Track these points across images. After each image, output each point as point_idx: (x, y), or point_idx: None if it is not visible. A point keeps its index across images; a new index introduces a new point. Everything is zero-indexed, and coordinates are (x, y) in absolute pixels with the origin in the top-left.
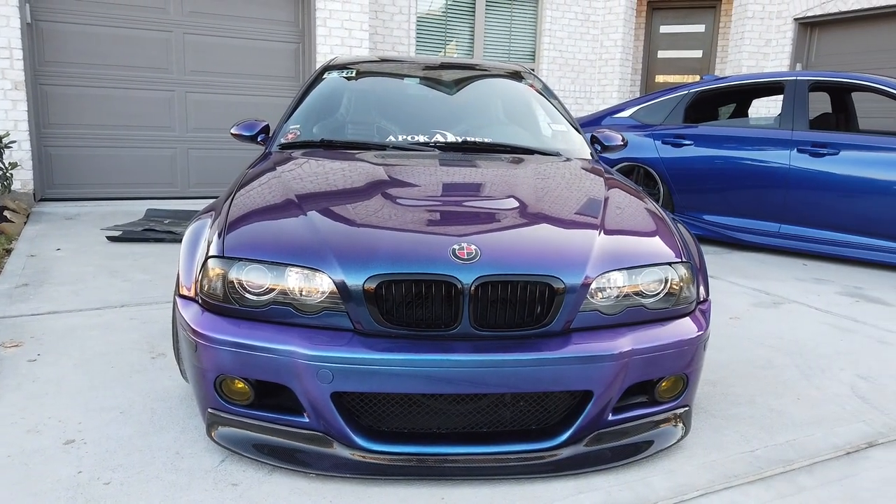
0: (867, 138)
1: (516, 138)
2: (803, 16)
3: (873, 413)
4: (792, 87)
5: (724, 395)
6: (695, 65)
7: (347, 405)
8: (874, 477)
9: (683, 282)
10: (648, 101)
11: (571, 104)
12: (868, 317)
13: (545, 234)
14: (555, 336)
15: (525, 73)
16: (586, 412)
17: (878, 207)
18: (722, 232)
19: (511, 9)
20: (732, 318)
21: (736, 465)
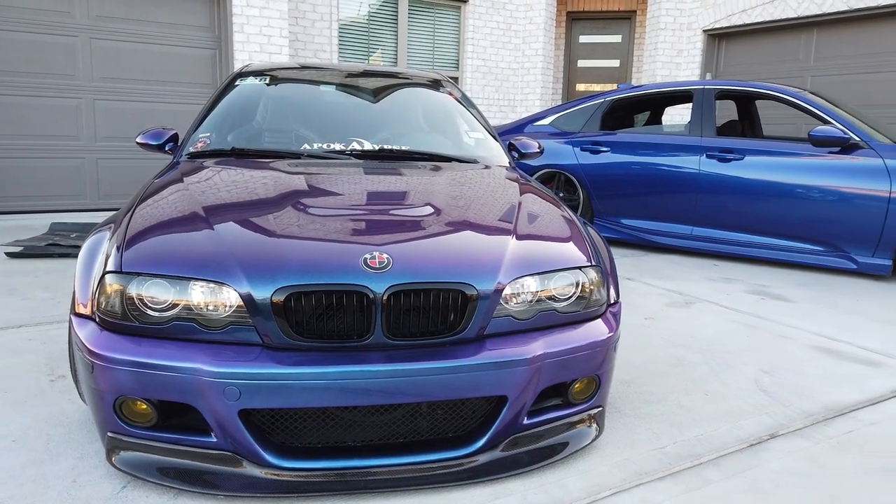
0: (770, 144)
1: (434, 146)
2: (711, 27)
3: (775, 406)
4: (700, 95)
5: (638, 393)
6: (613, 74)
7: (257, 422)
8: (775, 467)
9: (594, 285)
10: (567, 110)
11: (496, 112)
12: (771, 313)
13: (459, 242)
14: (469, 343)
15: (443, 81)
16: (501, 417)
17: (782, 209)
18: (639, 235)
19: (434, 17)
20: (647, 318)
21: (647, 462)
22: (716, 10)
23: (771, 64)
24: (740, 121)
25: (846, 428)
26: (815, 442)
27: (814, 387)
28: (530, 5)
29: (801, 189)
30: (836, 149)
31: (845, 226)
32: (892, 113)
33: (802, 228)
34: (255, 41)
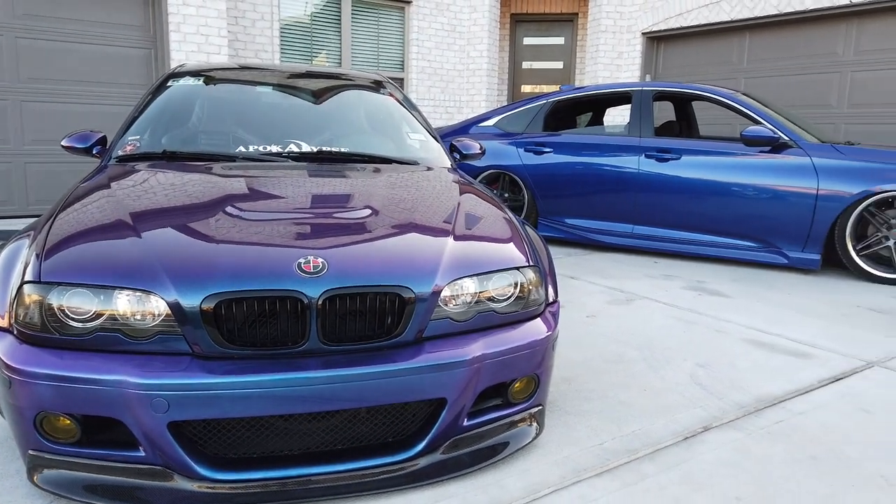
0: (705, 144)
1: (374, 148)
2: (650, 30)
3: (710, 399)
4: (638, 96)
5: (578, 391)
6: (557, 75)
7: (189, 434)
8: (709, 459)
9: (532, 285)
10: (511, 111)
11: (442, 113)
12: (708, 308)
13: (396, 244)
14: (407, 346)
15: (384, 82)
16: (441, 419)
17: (717, 207)
18: (583, 234)
19: (378, 18)
20: (589, 316)
21: (586, 458)
22: (654, 14)
23: (707, 66)
24: (678, 121)
25: (776, 418)
26: (747, 433)
27: (746, 379)
28: (474, 7)
29: (735, 187)
30: (766, 148)
31: (777, 222)
32: (819, 113)
33: (737, 225)
34: (192, 41)
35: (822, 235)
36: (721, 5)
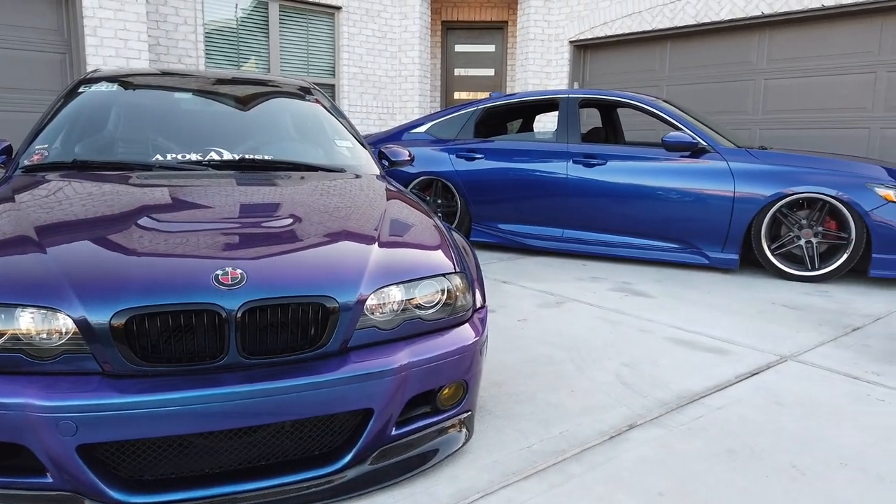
0: (629, 149)
1: (299, 155)
2: (577, 39)
3: (634, 397)
4: (565, 104)
5: (509, 394)
6: (489, 82)
7: (101, 457)
8: (632, 457)
9: (459, 291)
10: (442, 117)
11: (375, 119)
12: (633, 309)
13: (319, 253)
14: (331, 357)
15: (311, 89)
16: (368, 430)
17: (642, 210)
18: (515, 239)
19: (307, 23)
20: (521, 319)
21: (515, 462)
22: (580, 23)
23: (632, 74)
24: (604, 127)
25: (696, 414)
26: (669, 429)
27: (669, 376)
28: (405, 14)
29: (658, 191)
30: (686, 153)
31: (697, 224)
32: (736, 119)
33: (660, 228)
34: (109, 45)
35: (739, 236)
36: (643, 15)
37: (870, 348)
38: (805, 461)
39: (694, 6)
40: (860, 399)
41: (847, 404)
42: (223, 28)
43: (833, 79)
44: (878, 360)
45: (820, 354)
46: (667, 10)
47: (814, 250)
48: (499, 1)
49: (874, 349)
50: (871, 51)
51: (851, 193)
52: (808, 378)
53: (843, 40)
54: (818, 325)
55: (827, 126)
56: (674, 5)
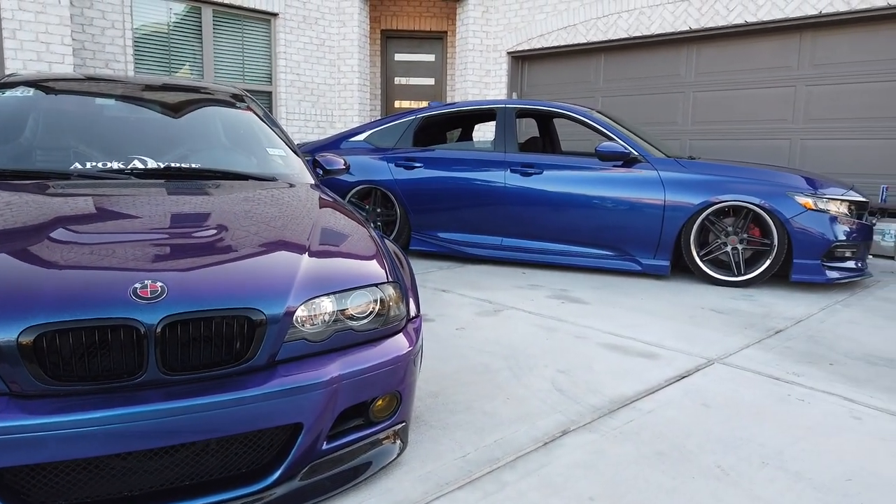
0: (565, 159)
1: (228, 164)
2: (514, 50)
3: (568, 403)
4: (502, 114)
5: (445, 404)
6: (429, 91)
7: (10, 482)
8: (565, 462)
9: (393, 301)
10: (380, 126)
11: (314, 127)
12: (570, 316)
13: (245, 265)
14: (259, 371)
15: (243, 96)
16: (298, 445)
17: (578, 219)
18: (455, 248)
19: (242, 30)
20: (459, 328)
21: (450, 472)
22: (517, 34)
23: (568, 85)
24: (541, 137)
25: (628, 418)
26: (601, 434)
27: (602, 382)
28: (343, 22)
29: (592, 199)
30: (619, 162)
31: (630, 232)
32: (667, 129)
33: (596, 235)
34: (30, 48)
35: (670, 243)
36: (577, 28)
37: (791, 350)
38: (730, 461)
39: (626, 20)
40: (781, 399)
41: (769, 405)
42: (154, 33)
43: (756, 92)
44: (798, 361)
45: (745, 357)
46: (600, 23)
47: (739, 256)
48: (438, 11)
49: (795, 351)
50: (791, 66)
51: (773, 202)
52: (733, 380)
53: (765, 55)
54: (744, 328)
55: (751, 137)
56: (607, 19)
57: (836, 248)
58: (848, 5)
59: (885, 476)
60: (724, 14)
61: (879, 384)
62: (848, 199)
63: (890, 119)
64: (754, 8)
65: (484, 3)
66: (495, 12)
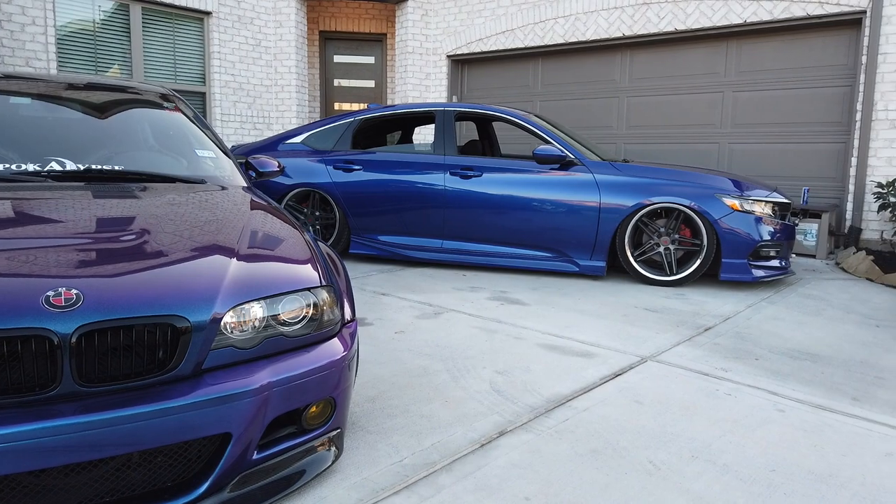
0: (503, 162)
1: (154, 166)
2: (454, 53)
3: (506, 404)
4: (441, 116)
5: (382, 409)
6: (369, 94)
7: None
8: (502, 463)
9: (327, 305)
10: (319, 128)
11: (250, 129)
12: (509, 317)
13: (169, 270)
14: (184, 380)
15: (171, 96)
16: (226, 456)
17: (516, 221)
18: (395, 251)
19: (174, 28)
20: (398, 332)
21: (385, 477)
22: (456, 38)
23: (507, 88)
24: (480, 140)
25: (563, 417)
26: (537, 434)
27: (540, 382)
28: (280, 22)
29: (530, 202)
30: (556, 165)
31: (568, 234)
32: (603, 133)
33: (534, 237)
34: None
35: (605, 244)
36: (515, 33)
37: (719, 346)
38: (661, 456)
39: (563, 26)
40: (710, 394)
41: (699, 400)
42: (79, 31)
43: (687, 97)
44: (726, 357)
45: (676, 354)
46: (537, 28)
47: (672, 256)
48: (377, 13)
49: (723, 347)
50: (718, 72)
51: (702, 203)
52: (665, 377)
53: (695, 62)
54: (675, 326)
55: (683, 141)
56: (544, 24)
57: (761, 247)
58: (770, 15)
59: (805, 466)
60: (655, 21)
61: (801, 377)
62: (772, 201)
63: (810, 124)
64: (683, 16)
65: (423, 7)
66: (434, 16)
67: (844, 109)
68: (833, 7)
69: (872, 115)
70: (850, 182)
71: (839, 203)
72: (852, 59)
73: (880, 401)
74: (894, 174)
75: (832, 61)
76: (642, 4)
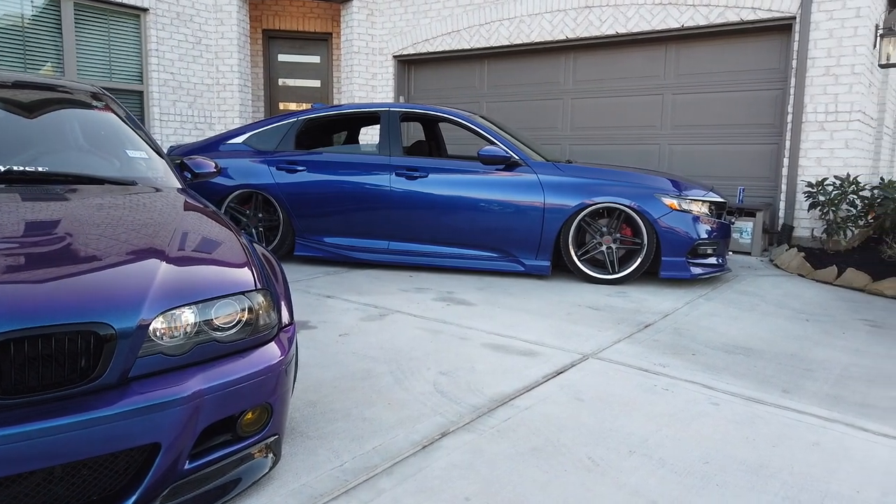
0: (449, 162)
1: (82, 167)
2: (400, 54)
3: (449, 405)
4: (386, 117)
5: (323, 413)
6: (315, 93)
7: None
8: (443, 464)
9: (262, 309)
10: (261, 128)
11: (191, 129)
12: (455, 317)
13: (93, 275)
14: (109, 389)
15: (100, 95)
16: (155, 467)
17: (463, 221)
18: (342, 252)
19: (108, 25)
20: (342, 334)
21: (324, 483)
22: (402, 38)
23: (454, 89)
24: (427, 141)
25: (506, 416)
26: (480, 434)
27: (483, 382)
28: (221, 20)
29: (476, 202)
30: (500, 166)
31: (513, 234)
32: (548, 134)
33: (480, 237)
34: None
35: (550, 244)
36: (461, 34)
37: (658, 342)
38: (599, 452)
39: (507, 28)
40: (648, 390)
41: (637, 395)
42: (7, 27)
43: (629, 99)
44: (664, 353)
45: (617, 351)
46: (483, 30)
47: (614, 255)
48: (322, 12)
49: (662, 343)
50: (658, 75)
51: (642, 203)
52: (605, 373)
53: (636, 65)
54: (616, 323)
55: (625, 142)
56: (489, 26)
57: (699, 245)
58: (707, 20)
59: (737, 457)
60: (597, 25)
61: (735, 371)
62: (708, 200)
63: (745, 126)
64: (624, 20)
65: (369, 6)
66: (380, 15)
67: (777, 111)
68: (765, 13)
69: (803, 117)
70: (782, 182)
71: (773, 202)
72: (784, 63)
73: (809, 392)
74: (824, 174)
75: (765, 65)
76: (584, 8)
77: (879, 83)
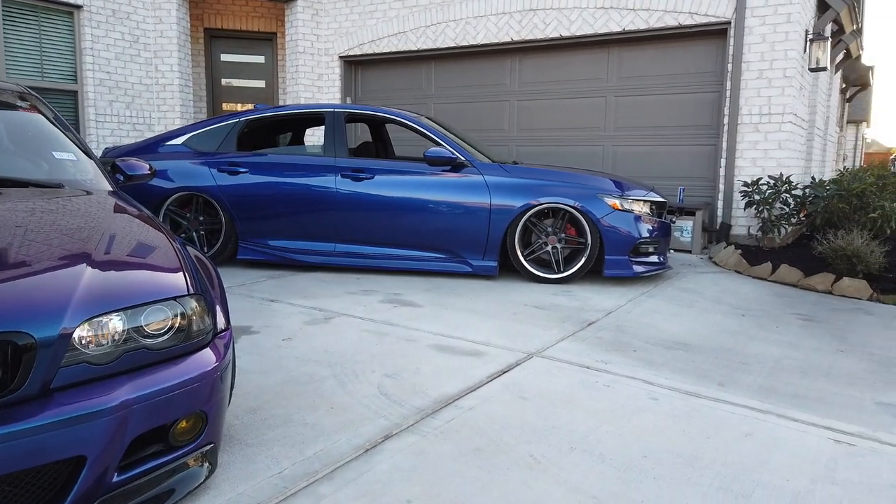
0: (396, 164)
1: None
2: (346, 54)
3: (393, 407)
4: (331, 118)
5: (263, 420)
6: (260, 94)
7: None
8: (385, 468)
9: (196, 315)
10: (201, 129)
11: (129, 130)
12: (401, 319)
13: (12, 283)
14: (30, 401)
15: (27, 95)
16: (80, 481)
17: (410, 222)
18: (287, 255)
19: (39, 23)
20: (285, 339)
21: (263, 491)
22: (349, 39)
23: (401, 91)
24: (374, 142)
25: (450, 417)
26: (423, 435)
27: (428, 383)
28: (159, 18)
29: (423, 203)
30: (447, 167)
31: (461, 234)
32: (496, 135)
33: (428, 239)
34: None
35: (497, 244)
36: (408, 35)
37: (601, 340)
38: (542, 449)
39: (454, 29)
40: (590, 386)
41: (579, 392)
42: None
43: (573, 101)
44: (607, 350)
45: (560, 349)
46: (429, 31)
47: (559, 255)
48: (266, 11)
49: (604, 340)
50: (601, 77)
51: (586, 203)
52: (548, 371)
53: (580, 67)
54: (561, 322)
55: (570, 143)
56: (435, 28)
57: (640, 244)
58: (646, 24)
59: (674, 450)
60: (541, 28)
61: (674, 366)
62: (650, 200)
63: (685, 127)
64: (567, 23)
65: (314, 6)
66: (325, 15)
67: (714, 113)
68: (702, 18)
69: (738, 118)
70: (720, 181)
71: (711, 201)
72: (720, 67)
73: (743, 385)
74: (759, 174)
75: (703, 68)
76: (529, 11)
77: (810, 86)
